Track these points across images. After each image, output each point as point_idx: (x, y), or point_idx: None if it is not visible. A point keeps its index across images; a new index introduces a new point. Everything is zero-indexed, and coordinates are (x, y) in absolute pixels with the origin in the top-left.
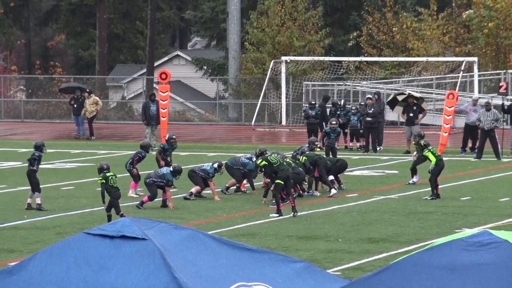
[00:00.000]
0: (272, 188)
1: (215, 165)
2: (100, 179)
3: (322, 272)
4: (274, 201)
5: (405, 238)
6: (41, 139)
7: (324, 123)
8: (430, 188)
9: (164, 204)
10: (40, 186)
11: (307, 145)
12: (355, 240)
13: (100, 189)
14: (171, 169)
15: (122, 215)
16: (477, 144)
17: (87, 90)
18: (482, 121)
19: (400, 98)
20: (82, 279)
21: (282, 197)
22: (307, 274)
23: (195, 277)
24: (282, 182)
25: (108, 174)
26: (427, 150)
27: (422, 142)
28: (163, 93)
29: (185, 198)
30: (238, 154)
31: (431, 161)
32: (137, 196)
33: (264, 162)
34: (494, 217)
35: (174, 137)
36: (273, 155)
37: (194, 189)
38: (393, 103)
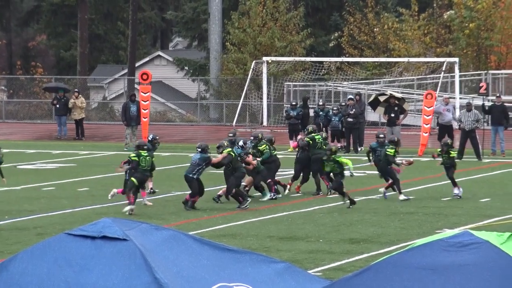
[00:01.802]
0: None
1: (240, 143)
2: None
3: (303, 273)
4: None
5: (386, 238)
6: None
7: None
8: (396, 189)
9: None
10: (21, 187)
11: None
12: (336, 240)
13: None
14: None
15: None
16: (453, 144)
17: (76, 90)
18: (463, 121)
19: (382, 98)
20: (63, 279)
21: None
22: (288, 274)
23: (176, 277)
24: None
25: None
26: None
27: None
28: (144, 93)
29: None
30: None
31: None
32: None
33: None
34: (475, 217)
35: (157, 137)
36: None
37: (222, 191)
38: (375, 104)
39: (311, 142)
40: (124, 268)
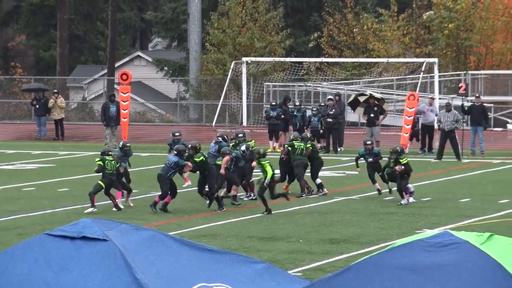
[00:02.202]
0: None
1: (243, 148)
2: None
3: (283, 273)
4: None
5: (366, 238)
6: None
7: (285, 124)
8: (389, 190)
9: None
10: (1, 187)
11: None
12: (316, 240)
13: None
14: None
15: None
16: (433, 144)
17: (55, 90)
18: (442, 122)
19: (361, 99)
20: (43, 280)
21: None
22: (268, 275)
23: (157, 277)
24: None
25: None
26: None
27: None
28: (124, 93)
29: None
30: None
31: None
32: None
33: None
34: (454, 217)
35: (128, 144)
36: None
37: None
38: (354, 104)
39: (290, 148)
40: (104, 269)
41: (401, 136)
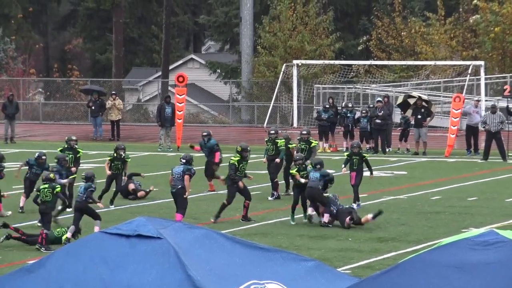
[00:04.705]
0: None
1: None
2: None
3: (332, 271)
4: None
5: (413, 237)
6: None
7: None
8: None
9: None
10: None
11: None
12: (365, 239)
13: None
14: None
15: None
16: (479, 145)
17: (113, 92)
18: (488, 123)
19: (411, 101)
20: (98, 277)
21: None
22: (318, 272)
23: (209, 275)
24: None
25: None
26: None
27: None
28: (180, 95)
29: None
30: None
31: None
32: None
33: None
34: (500, 217)
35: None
36: None
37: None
38: (404, 106)
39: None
40: (158, 266)
41: (447, 137)
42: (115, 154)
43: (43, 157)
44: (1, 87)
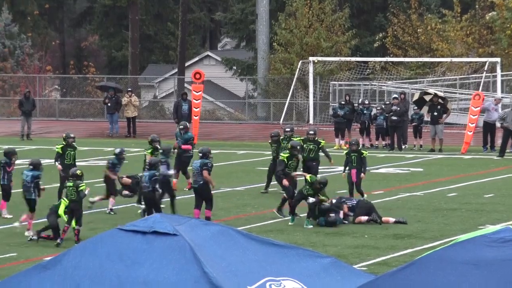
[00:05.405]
0: None
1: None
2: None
3: (348, 267)
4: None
5: (429, 234)
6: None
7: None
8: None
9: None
10: None
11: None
12: (381, 236)
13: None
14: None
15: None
16: (495, 142)
17: (129, 89)
18: (508, 121)
19: (427, 98)
20: (115, 273)
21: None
22: (334, 269)
23: (225, 271)
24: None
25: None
26: None
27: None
28: (197, 92)
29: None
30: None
31: None
32: None
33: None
34: None
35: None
36: None
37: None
38: (420, 103)
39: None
40: (174, 262)
41: (465, 134)
42: (152, 146)
43: (124, 153)
44: (18, 84)
